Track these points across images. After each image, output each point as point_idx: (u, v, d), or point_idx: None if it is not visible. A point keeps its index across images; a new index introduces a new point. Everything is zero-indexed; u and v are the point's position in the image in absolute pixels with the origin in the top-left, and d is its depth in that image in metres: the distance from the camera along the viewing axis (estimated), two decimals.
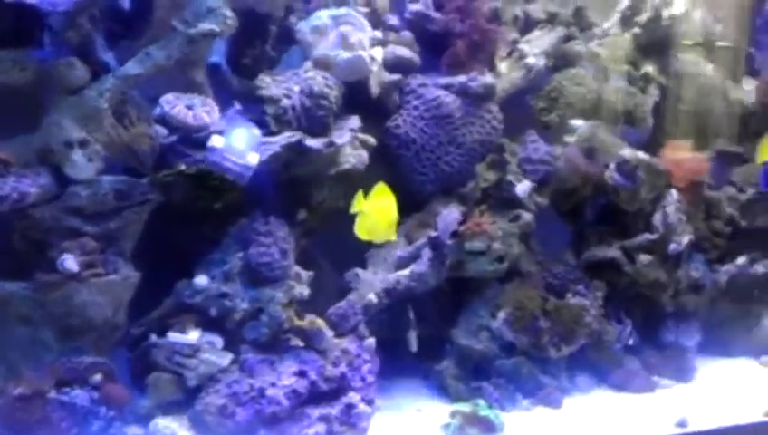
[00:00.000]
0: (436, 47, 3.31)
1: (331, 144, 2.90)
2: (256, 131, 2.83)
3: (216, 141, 2.76)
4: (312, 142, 2.86)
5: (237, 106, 2.91)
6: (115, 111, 2.73)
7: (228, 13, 2.83)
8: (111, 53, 2.82)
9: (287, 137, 2.85)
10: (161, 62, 2.77)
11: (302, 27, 3.07)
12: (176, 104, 2.81)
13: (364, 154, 3.05)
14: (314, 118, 2.91)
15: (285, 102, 2.90)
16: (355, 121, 3.04)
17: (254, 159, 2.76)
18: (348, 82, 3.02)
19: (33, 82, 2.68)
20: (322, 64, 3.01)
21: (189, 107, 2.81)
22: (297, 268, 2.90)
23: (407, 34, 3.27)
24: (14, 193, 2.56)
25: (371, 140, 3.08)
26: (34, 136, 2.69)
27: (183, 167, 2.70)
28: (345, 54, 2.99)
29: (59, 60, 2.69)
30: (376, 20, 3.20)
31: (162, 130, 2.80)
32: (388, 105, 3.22)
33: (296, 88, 2.92)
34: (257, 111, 2.92)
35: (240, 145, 2.76)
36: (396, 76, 3.19)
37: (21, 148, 2.67)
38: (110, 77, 2.73)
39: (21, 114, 2.68)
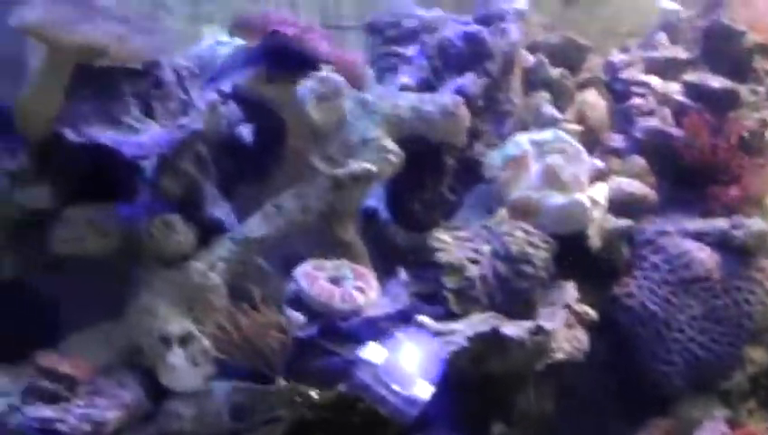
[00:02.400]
0: (680, 177, 2.55)
1: (540, 330, 2.09)
2: (433, 344, 2.01)
3: (371, 354, 1.93)
4: (512, 330, 2.05)
5: (403, 275, 2.16)
6: (232, 291, 2.09)
7: (391, 145, 2.18)
8: (227, 205, 2.19)
9: (475, 324, 2.05)
10: (296, 218, 2.13)
11: (493, 159, 2.37)
12: (316, 278, 2.06)
13: (583, 337, 2.24)
14: (514, 292, 2.14)
15: (472, 271, 2.13)
16: (570, 292, 2.25)
17: (424, 391, 1.94)
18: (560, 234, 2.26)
19: (118, 250, 2.07)
20: (523, 212, 2.29)
21: (335, 281, 2.08)
22: None
23: (637, 161, 2.53)
24: (84, 424, 1.85)
25: (592, 314, 2.28)
26: (117, 328, 2.06)
27: (314, 394, 1.92)
28: (556, 198, 2.26)
29: (152, 219, 2.06)
30: (592, 141, 2.50)
31: (297, 317, 2.08)
32: (615, 263, 2.45)
33: (486, 248, 2.18)
34: (430, 279, 2.16)
35: (408, 365, 1.94)
36: (624, 222, 2.42)
37: (97, 347, 2.04)
38: (225, 241, 2.11)
39: (102, 296, 2.07)
